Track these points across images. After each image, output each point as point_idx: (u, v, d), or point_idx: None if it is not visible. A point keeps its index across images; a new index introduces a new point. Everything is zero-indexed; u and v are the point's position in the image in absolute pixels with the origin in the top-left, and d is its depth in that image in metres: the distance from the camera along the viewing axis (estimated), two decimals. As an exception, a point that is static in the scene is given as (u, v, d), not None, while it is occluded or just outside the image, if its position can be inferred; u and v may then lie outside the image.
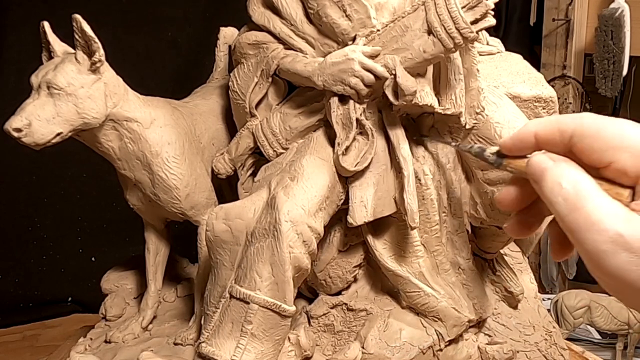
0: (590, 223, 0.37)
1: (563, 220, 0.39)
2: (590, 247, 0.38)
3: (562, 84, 2.70)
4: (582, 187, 0.39)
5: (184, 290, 1.35)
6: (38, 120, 0.98)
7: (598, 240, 0.37)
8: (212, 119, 1.26)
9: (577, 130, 0.41)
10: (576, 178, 0.40)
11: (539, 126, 0.44)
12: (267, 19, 1.09)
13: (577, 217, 0.38)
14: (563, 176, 0.40)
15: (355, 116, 1.00)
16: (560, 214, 0.39)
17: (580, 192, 0.39)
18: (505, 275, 1.24)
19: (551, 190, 0.40)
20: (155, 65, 2.42)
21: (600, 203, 0.38)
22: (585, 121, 0.42)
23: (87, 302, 2.43)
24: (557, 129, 0.43)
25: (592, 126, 0.41)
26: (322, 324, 1.13)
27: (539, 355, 1.17)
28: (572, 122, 0.42)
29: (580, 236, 0.38)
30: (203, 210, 1.18)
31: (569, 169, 0.41)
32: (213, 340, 0.96)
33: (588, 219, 0.38)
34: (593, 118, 0.42)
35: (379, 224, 1.08)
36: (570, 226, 0.39)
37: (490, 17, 0.94)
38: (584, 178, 0.40)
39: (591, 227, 0.37)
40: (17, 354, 2.23)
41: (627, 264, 0.36)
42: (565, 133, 0.42)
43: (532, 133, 0.44)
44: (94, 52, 1.01)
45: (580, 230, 0.38)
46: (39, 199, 2.40)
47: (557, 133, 0.43)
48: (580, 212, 0.38)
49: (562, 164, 0.41)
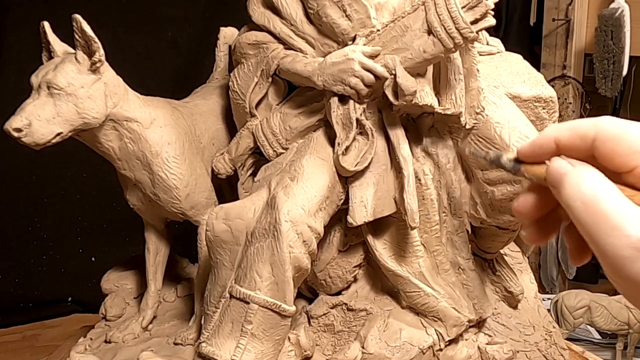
0: (611, 228, 0.37)
1: (582, 224, 0.38)
2: (611, 253, 0.37)
3: (562, 84, 2.70)
4: (603, 191, 0.38)
5: (184, 290, 1.35)
6: (38, 120, 0.98)
7: (619, 245, 0.36)
8: (212, 119, 1.26)
9: (600, 134, 0.40)
10: (596, 181, 0.39)
11: (559, 132, 0.43)
12: (267, 19, 1.09)
13: (597, 222, 0.37)
14: (582, 180, 0.39)
15: (355, 116, 1.00)
16: (579, 218, 0.39)
17: (601, 196, 0.38)
18: (505, 275, 1.24)
19: (570, 195, 0.39)
20: (155, 65, 2.42)
21: (621, 207, 0.37)
22: (606, 125, 0.40)
23: (87, 302, 2.43)
24: (577, 134, 0.42)
25: (614, 129, 0.40)
26: (322, 324, 1.13)
27: (539, 355, 1.17)
28: (592, 126, 0.41)
29: (600, 241, 0.37)
30: (203, 210, 1.18)
31: (589, 172, 0.40)
32: (213, 340, 0.96)
33: (609, 223, 0.37)
34: (614, 121, 0.40)
35: (379, 224, 1.08)
36: (589, 231, 0.38)
37: (490, 17, 0.94)
38: (604, 181, 0.39)
39: (612, 232, 0.36)
40: (17, 354, 2.23)
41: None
42: (587, 137, 0.41)
43: (552, 139, 0.43)
44: (94, 52, 1.01)
45: (600, 235, 0.37)
46: (39, 199, 2.40)
47: (578, 138, 0.41)
48: (600, 216, 0.37)
49: (582, 167, 0.40)
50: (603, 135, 0.40)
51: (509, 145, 1.02)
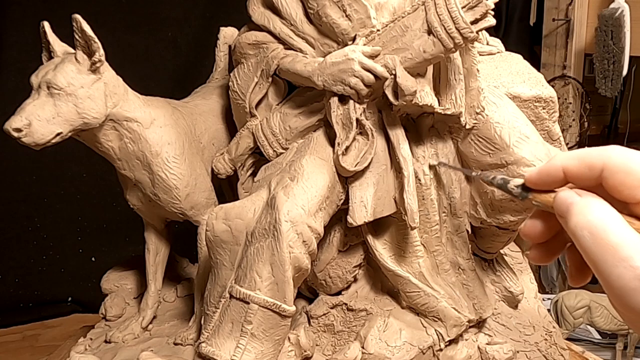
0: (618, 259, 0.37)
1: (589, 254, 0.39)
2: (617, 284, 0.37)
3: (562, 84, 2.70)
4: (610, 222, 0.39)
5: (184, 290, 1.35)
6: (38, 120, 0.98)
7: (626, 276, 0.37)
8: (212, 119, 1.26)
9: (608, 165, 0.41)
10: (603, 212, 0.39)
11: (567, 161, 0.43)
12: (267, 19, 1.09)
13: (604, 253, 0.38)
14: (589, 210, 0.40)
15: (355, 116, 1.00)
16: (586, 248, 0.39)
17: (608, 227, 0.38)
18: (505, 275, 1.24)
19: (577, 224, 0.40)
20: (155, 65, 2.42)
21: (628, 239, 0.37)
22: (614, 156, 0.41)
23: (87, 302, 2.43)
24: (585, 164, 0.42)
25: (621, 161, 0.40)
26: (322, 324, 1.13)
27: (539, 355, 1.17)
28: (599, 156, 0.41)
29: (606, 271, 0.38)
30: (203, 210, 1.18)
31: (596, 203, 0.40)
32: (213, 340, 0.96)
33: (616, 255, 0.37)
34: (622, 153, 0.41)
35: (379, 224, 1.08)
36: (596, 261, 0.38)
37: (490, 17, 0.94)
38: (611, 213, 0.39)
39: (619, 263, 0.37)
40: (17, 354, 2.23)
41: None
42: (595, 168, 0.41)
43: (560, 168, 0.43)
44: (94, 52, 1.01)
45: (607, 266, 0.38)
46: (39, 199, 2.40)
47: (586, 168, 0.42)
48: (607, 247, 0.38)
49: (589, 198, 0.41)
50: (611, 167, 0.40)
51: (509, 145, 1.02)
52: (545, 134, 1.22)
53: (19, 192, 2.37)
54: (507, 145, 1.02)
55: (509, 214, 1.06)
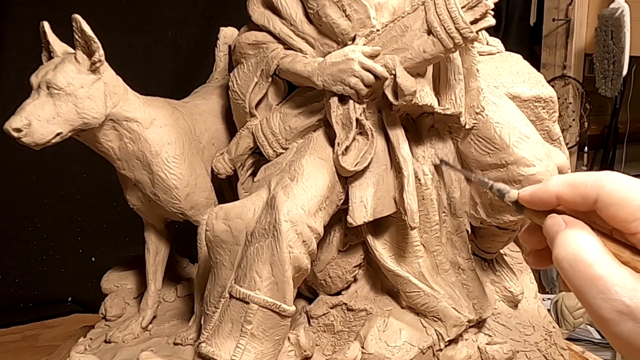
0: (596, 292, 0.38)
1: (570, 285, 0.40)
2: (597, 314, 0.38)
3: (562, 84, 2.70)
4: (588, 255, 0.39)
5: (184, 290, 1.35)
6: (38, 120, 0.98)
7: (604, 308, 0.37)
8: (212, 119, 1.26)
9: (601, 197, 0.41)
10: (583, 245, 0.40)
11: (561, 187, 0.43)
12: (267, 19, 1.09)
13: (583, 285, 0.39)
14: (569, 242, 0.40)
15: (355, 116, 1.00)
16: (567, 279, 0.40)
17: (586, 260, 0.39)
18: (505, 275, 1.24)
19: (557, 256, 0.41)
20: (155, 65, 2.41)
21: (606, 272, 0.38)
22: (608, 188, 0.41)
23: (87, 302, 2.43)
24: (579, 193, 0.42)
25: (615, 194, 0.40)
26: (322, 324, 1.13)
27: (539, 355, 1.17)
28: (594, 186, 0.41)
29: (586, 301, 0.39)
30: (203, 210, 1.18)
31: (577, 234, 0.41)
32: (213, 340, 0.96)
33: (594, 287, 0.38)
34: (616, 183, 0.40)
35: (378, 224, 1.08)
36: (577, 291, 0.39)
37: (490, 17, 0.94)
38: (591, 245, 0.40)
39: (597, 295, 0.38)
40: (17, 354, 2.23)
41: (633, 333, 0.37)
42: (588, 198, 0.42)
43: (554, 194, 0.44)
44: (93, 52, 1.01)
45: (587, 296, 0.38)
46: (39, 199, 2.40)
47: (579, 197, 0.42)
48: (585, 279, 0.39)
49: (572, 229, 0.41)
50: (605, 198, 0.41)
51: (509, 145, 1.02)
52: (545, 134, 1.22)
53: (19, 192, 2.37)
54: (507, 145, 1.02)
55: (508, 214, 1.06)
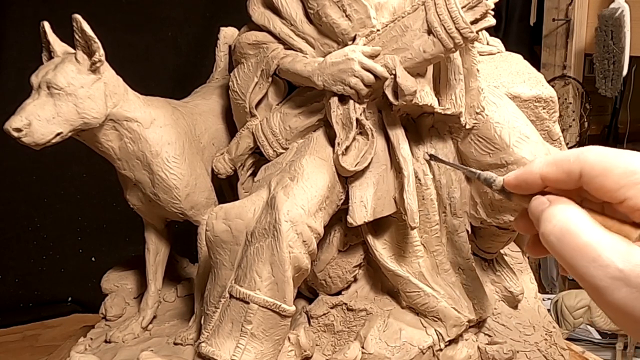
0: (588, 260, 0.37)
1: (561, 259, 0.39)
2: (591, 283, 0.37)
3: (562, 84, 2.70)
4: (574, 225, 0.39)
5: (184, 290, 1.35)
6: (38, 120, 0.98)
7: (597, 276, 0.37)
8: (212, 119, 1.26)
9: (585, 170, 0.41)
10: (567, 216, 0.40)
11: (545, 168, 0.43)
12: (267, 19, 1.09)
13: (573, 255, 0.38)
14: (554, 216, 0.40)
15: (355, 116, 1.00)
16: (557, 253, 0.39)
17: (572, 230, 0.39)
18: (505, 275, 1.24)
19: (544, 233, 0.40)
20: (155, 65, 2.41)
21: (596, 239, 0.38)
22: (591, 161, 0.40)
23: (87, 302, 2.43)
24: (563, 170, 0.42)
25: (599, 165, 0.40)
26: (322, 324, 1.13)
27: (539, 355, 1.17)
28: (577, 161, 0.41)
29: (579, 272, 0.38)
30: (203, 210, 1.18)
31: (562, 208, 0.40)
32: (213, 340, 0.96)
33: (585, 256, 0.37)
34: (598, 155, 0.40)
35: (379, 224, 1.08)
36: (567, 263, 0.39)
37: (490, 17, 0.94)
38: (576, 215, 0.39)
39: (589, 263, 0.37)
40: (17, 354, 2.23)
41: (628, 299, 0.36)
42: (573, 174, 0.41)
43: (537, 175, 0.43)
44: (94, 52, 1.01)
45: (579, 267, 0.38)
46: (39, 199, 2.40)
47: (563, 174, 0.42)
48: (574, 250, 0.38)
49: (557, 205, 0.41)
50: (589, 171, 0.40)
51: (509, 145, 1.02)
52: (545, 134, 1.22)
53: (19, 192, 2.37)
54: (507, 145, 1.02)
55: (508, 214, 1.06)
